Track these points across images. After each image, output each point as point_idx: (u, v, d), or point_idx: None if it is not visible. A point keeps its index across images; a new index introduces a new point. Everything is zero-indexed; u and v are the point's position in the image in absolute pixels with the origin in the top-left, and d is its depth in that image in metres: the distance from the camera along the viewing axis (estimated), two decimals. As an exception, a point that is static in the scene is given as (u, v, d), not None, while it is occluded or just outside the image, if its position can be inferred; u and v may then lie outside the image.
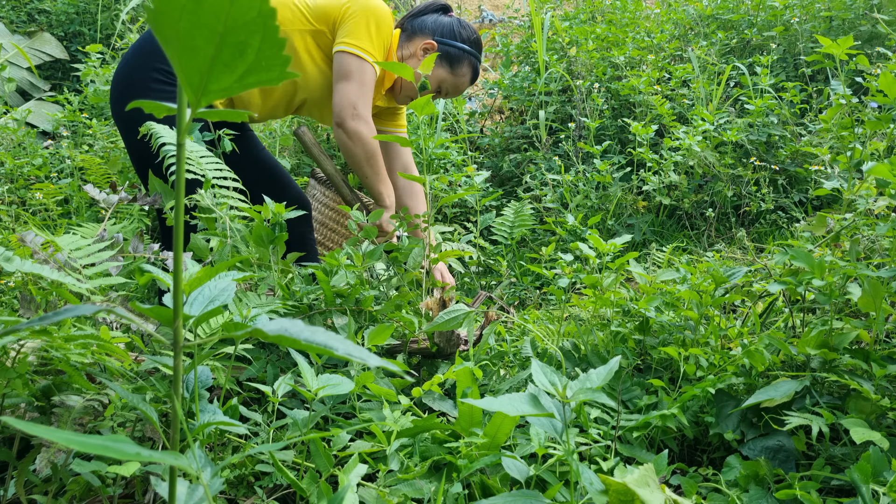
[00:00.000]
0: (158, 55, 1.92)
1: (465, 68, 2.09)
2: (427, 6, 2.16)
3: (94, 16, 4.88)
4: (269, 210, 1.44)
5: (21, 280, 1.25)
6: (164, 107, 0.49)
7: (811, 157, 3.03)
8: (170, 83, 1.92)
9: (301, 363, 0.99)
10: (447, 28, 2.08)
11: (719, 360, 1.31)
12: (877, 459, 0.91)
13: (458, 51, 2.07)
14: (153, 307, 0.61)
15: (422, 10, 2.15)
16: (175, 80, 1.92)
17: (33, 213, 2.81)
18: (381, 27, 1.95)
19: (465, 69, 2.10)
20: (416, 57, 2.07)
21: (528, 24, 4.60)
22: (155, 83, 1.90)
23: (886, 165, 1.19)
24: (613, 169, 3.21)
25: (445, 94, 2.15)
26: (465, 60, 2.08)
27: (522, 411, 0.81)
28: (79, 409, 0.93)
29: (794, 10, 3.86)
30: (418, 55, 2.07)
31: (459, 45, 2.07)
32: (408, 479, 0.97)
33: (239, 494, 1.03)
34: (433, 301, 1.46)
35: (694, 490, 1.02)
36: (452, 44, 2.07)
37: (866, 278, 1.15)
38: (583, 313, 1.76)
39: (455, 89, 2.14)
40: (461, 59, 2.08)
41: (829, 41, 1.48)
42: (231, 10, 0.42)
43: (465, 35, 2.09)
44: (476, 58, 2.11)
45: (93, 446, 0.44)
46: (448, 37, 2.07)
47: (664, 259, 2.13)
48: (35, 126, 3.97)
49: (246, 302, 1.31)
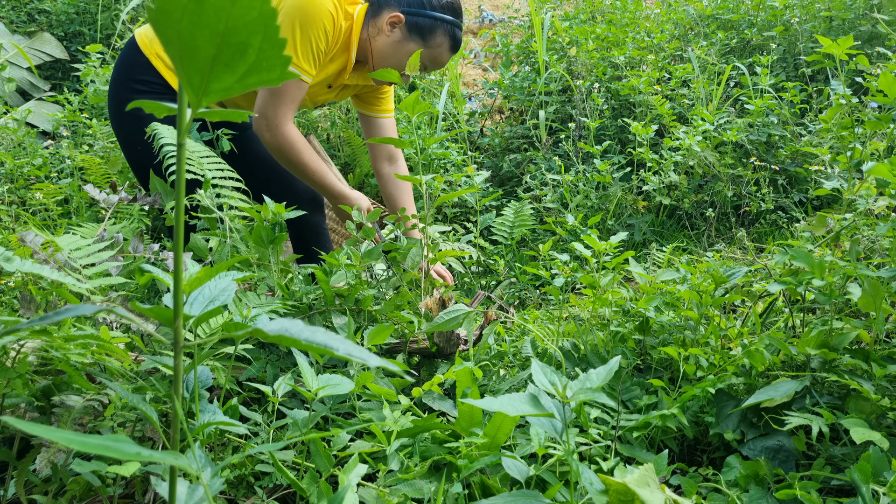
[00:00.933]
0: (139, 66, 1.94)
1: (439, 37, 1.91)
2: None
3: (94, 16, 4.88)
4: (268, 210, 1.44)
5: (21, 280, 1.25)
6: (164, 107, 0.50)
7: (811, 157, 3.03)
8: (152, 92, 1.94)
9: (301, 363, 0.99)
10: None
11: (719, 360, 1.31)
12: (877, 459, 0.91)
13: (430, 20, 1.89)
14: (153, 307, 0.61)
15: None
16: (156, 89, 1.94)
17: (33, 213, 2.81)
18: (305, 26, 1.78)
19: (440, 38, 1.91)
20: (384, 32, 1.91)
21: (528, 24, 4.60)
22: (136, 94, 1.92)
23: (886, 165, 1.19)
24: (613, 169, 3.21)
25: (424, 68, 1.98)
26: (439, 29, 1.90)
27: (522, 411, 0.81)
28: (79, 409, 0.93)
29: (794, 10, 3.86)
30: (385, 31, 1.90)
31: (430, 14, 1.89)
32: (408, 479, 0.97)
33: (239, 494, 1.03)
34: (433, 301, 1.46)
35: (694, 490, 1.02)
36: (423, 13, 1.88)
37: (866, 278, 1.15)
38: (583, 313, 1.76)
39: (434, 62, 1.97)
40: (434, 29, 1.89)
41: (829, 41, 1.48)
42: (232, 11, 0.42)
43: (437, 1, 1.90)
44: (453, 24, 1.92)
45: (93, 446, 0.44)
46: (416, 5, 1.89)
47: (664, 259, 2.13)
48: (35, 126, 3.97)
49: (246, 302, 1.31)
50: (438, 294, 1.48)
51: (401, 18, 1.89)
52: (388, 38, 1.91)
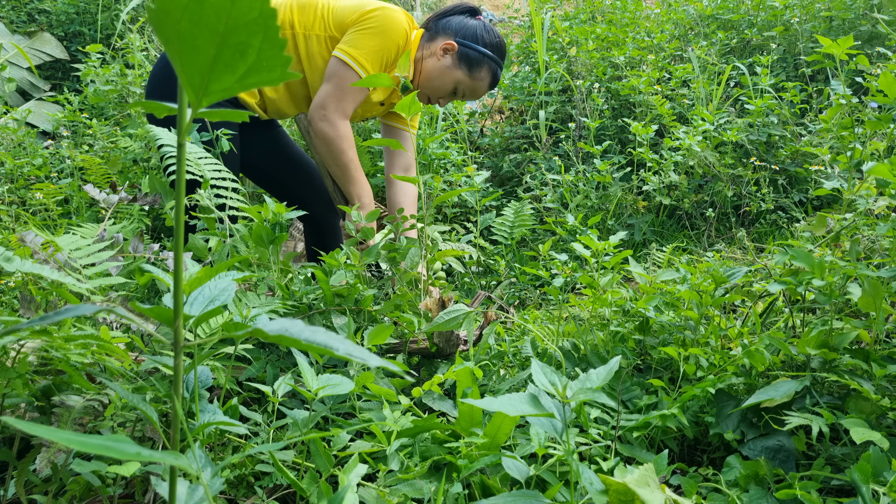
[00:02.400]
0: None
1: (483, 72, 2.07)
2: (454, 7, 2.14)
3: (94, 16, 4.88)
4: (268, 210, 1.44)
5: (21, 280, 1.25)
6: (164, 107, 0.50)
7: (811, 157, 3.03)
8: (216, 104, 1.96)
9: (301, 363, 0.99)
10: (470, 30, 2.05)
11: (719, 360, 1.31)
12: (877, 459, 0.91)
13: (479, 54, 2.04)
14: (153, 307, 0.61)
15: (448, 11, 2.13)
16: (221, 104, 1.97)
17: (33, 213, 2.81)
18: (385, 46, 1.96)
19: (485, 73, 2.07)
20: (436, 56, 2.06)
21: (528, 24, 4.60)
22: None
23: (886, 165, 1.19)
24: (613, 169, 3.21)
25: (462, 95, 2.13)
26: (485, 65, 2.06)
27: (522, 411, 0.81)
28: (79, 409, 0.93)
29: (794, 10, 3.86)
30: (438, 55, 2.05)
31: (481, 49, 2.04)
32: (408, 479, 0.97)
33: (239, 494, 1.03)
34: (433, 301, 1.46)
35: (694, 490, 1.02)
36: (474, 47, 2.04)
37: (866, 278, 1.15)
38: (582, 313, 1.76)
39: (472, 93, 2.12)
40: (481, 63, 2.05)
41: (829, 41, 1.48)
42: (232, 11, 0.42)
43: (489, 39, 2.06)
44: (497, 63, 2.08)
45: (93, 446, 0.44)
46: (470, 39, 2.04)
47: (664, 259, 2.13)
48: (35, 126, 3.97)
49: (246, 302, 1.31)
50: (438, 294, 1.48)
51: (454, 47, 2.04)
52: (438, 63, 2.06)
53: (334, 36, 1.98)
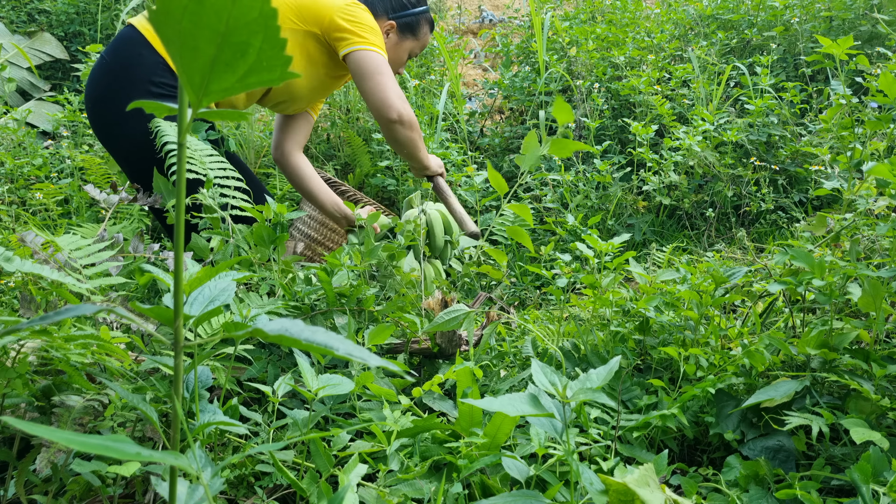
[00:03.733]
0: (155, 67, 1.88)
1: (424, 27, 2.22)
2: None
3: (94, 16, 4.88)
4: (270, 209, 1.44)
5: (21, 280, 1.25)
6: (165, 107, 0.50)
7: (811, 157, 3.03)
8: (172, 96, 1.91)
9: (302, 363, 0.99)
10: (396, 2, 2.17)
11: (719, 360, 1.31)
12: (877, 459, 0.91)
13: (414, 16, 2.18)
14: (153, 307, 0.61)
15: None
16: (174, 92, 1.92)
17: (33, 213, 2.81)
18: (376, 28, 2.05)
19: (425, 27, 2.22)
20: None
21: (528, 24, 4.60)
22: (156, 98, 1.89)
23: (886, 165, 1.19)
24: (613, 169, 3.21)
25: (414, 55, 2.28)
26: (422, 20, 2.20)
27: (522, 411, 0.81)
28: (79, 409, 0.93)
29: (794, 10, 3.86)
30: None
31: (413, 12, 2.18)
32: (408, 479, 0.97)
33: (239, 494, 1.03)
34: (434, 301, 1.46)
35: (694, 490, 1.02)
36: (407, 13, 2.17)
37: (866, 278, 1.15)
38: (583, 313, 1.76)
39: (422, 48, 2.27)
40: (420, 23, 2.20)
41: (829, 41, 1.48)
42: (233, 11, 0.42)
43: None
44: (427, 10, 2.22)
45: (93, 446, 0.44)
46: (399, 9, 2.17)
47: (664, 259, 2.13)
48: (35, 126, 3.97)
49: (247, 302, 1.31)
50: (440, 294, 1.48)
51: (393, 25, 2.17)
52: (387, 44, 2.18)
53: (309, 31, 2.00)
